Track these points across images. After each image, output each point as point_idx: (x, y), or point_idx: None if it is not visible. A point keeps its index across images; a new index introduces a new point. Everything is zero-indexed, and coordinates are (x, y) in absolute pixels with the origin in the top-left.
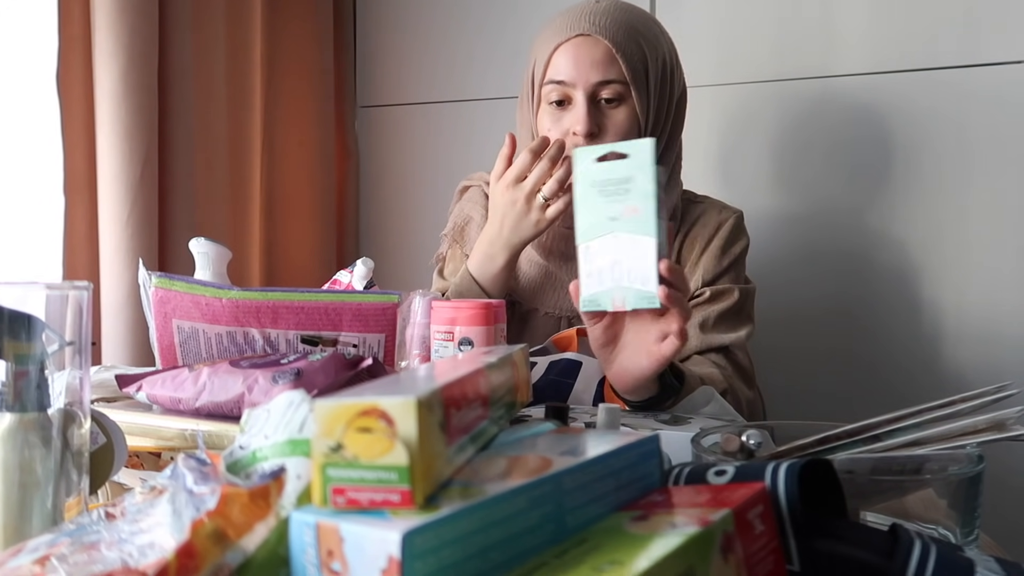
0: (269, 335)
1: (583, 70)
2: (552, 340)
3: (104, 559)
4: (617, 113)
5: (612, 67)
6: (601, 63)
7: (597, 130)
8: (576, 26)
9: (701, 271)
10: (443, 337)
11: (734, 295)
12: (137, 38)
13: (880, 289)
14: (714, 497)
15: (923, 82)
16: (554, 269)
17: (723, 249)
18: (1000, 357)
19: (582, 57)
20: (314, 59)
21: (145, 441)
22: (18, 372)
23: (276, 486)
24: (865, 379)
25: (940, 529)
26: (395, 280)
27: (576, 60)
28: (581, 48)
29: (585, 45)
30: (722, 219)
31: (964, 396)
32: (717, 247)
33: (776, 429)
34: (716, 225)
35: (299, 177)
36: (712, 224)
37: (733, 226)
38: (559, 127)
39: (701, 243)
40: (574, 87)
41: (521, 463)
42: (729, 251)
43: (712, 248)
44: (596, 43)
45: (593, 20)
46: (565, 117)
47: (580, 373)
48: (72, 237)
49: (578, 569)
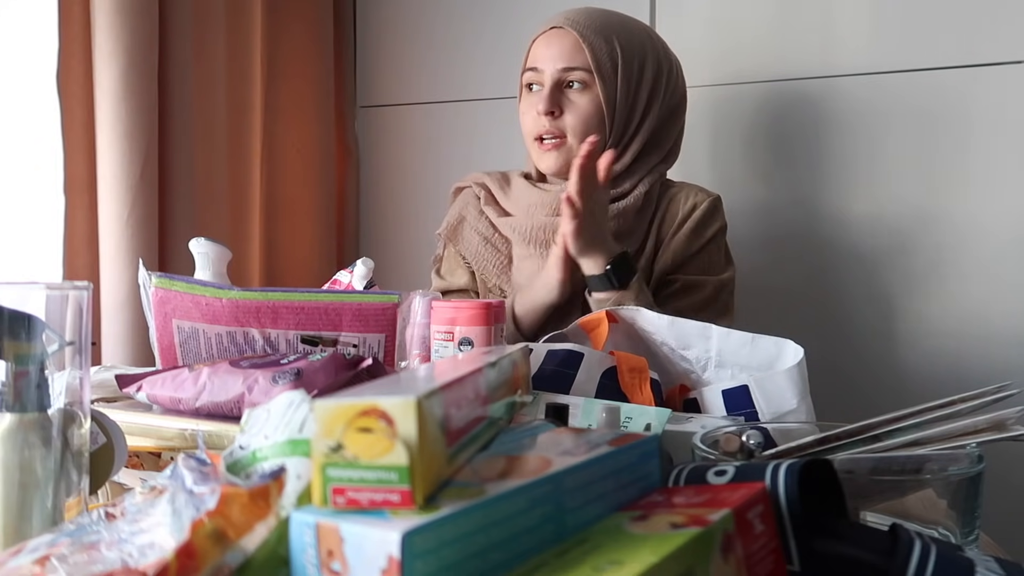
0: (269, 335)
1: (552, 56)
2: (579, 323)
3: (104, 559)
4: (580, 97)
5: (577, 55)
6: (568, 51)
7: (559, 111)
8: (554, 21)
9: (671, 253)
10: (443, 337)
11: (707, 288)
12: (137, 38)
13: (880, 289)
14: (714, 497)
15: (923, 82)
16: (539, 259)
17: (695, 231)
18: (1000, 357)
19: (552, 45)
20: (314, 59)
21: (145, 441)
22: (18, 372)
23: (276, 486)
24: (865, 379)
25: (940, 529)
26: (395, 280)
27: (547, 47)
28: (553, 38)
29: (556, 36)
30: (696, 201)
31: (964, 396)
32: (689, 229)
33: (776, 429)
34: (691, 207)
35: (299, 177)
36: (687, 206)
37: (707, 209)
38: (531, 108)
39: (672, 224)
40: (542, 73)
41: (521, 463)
42: (701, 234)
43: (684, 231)
44: (566, 34)
45: (568, 16)
46: (533, 98)
47: (582, 364)
48: (72, 237)
49: (578, 569)
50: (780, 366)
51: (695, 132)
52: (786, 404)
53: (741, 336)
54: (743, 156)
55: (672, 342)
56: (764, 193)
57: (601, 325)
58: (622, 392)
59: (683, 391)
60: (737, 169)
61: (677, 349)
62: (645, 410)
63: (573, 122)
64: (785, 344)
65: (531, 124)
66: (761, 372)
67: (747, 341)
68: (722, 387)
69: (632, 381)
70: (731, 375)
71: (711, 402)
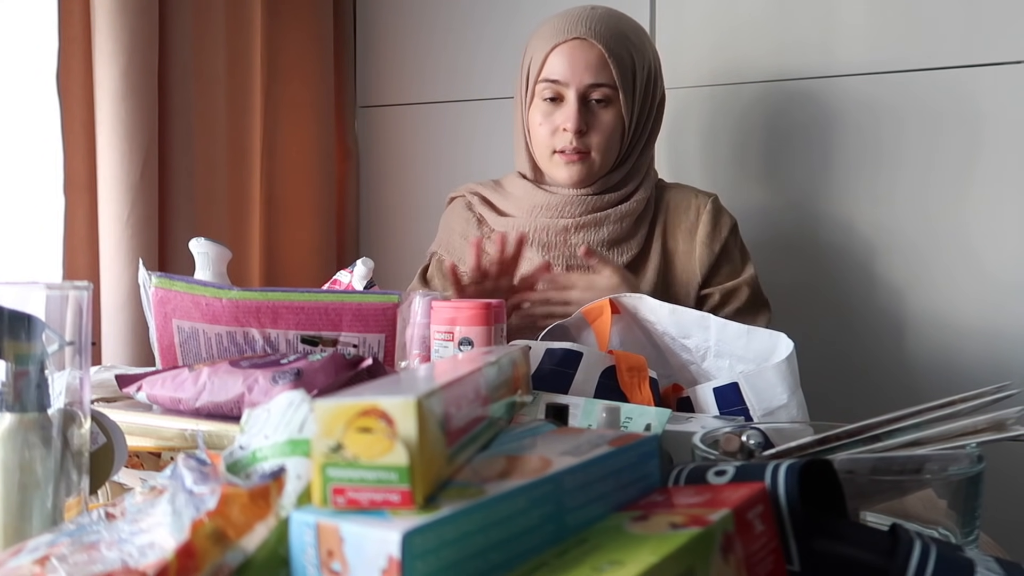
0: (269, 335)
1: (577, 71)
2: (582, 312)
3: (104, 559)
4: (605, 113)
5: (604, 71)
6: (594, 66)
7: (586, 128)
8: (574, 29)
9: (697, 264)
10: (443, 337)
11: (743, 290)
12: (137, 38)
13: (880, 289)
14: (714, 497)
15: (923, 82)
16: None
17: (711, 236)
18: (1000, 357)
19: (577, 59)
20: (314, 59)
21: (145, 441)
22: (18, 372)
23: (276, 486)
24: (865, 379)
25: (940, 529)
26: (395, 280)
27: (571, 61)
28: (577, 50)
29: (581, 48)
30: (699, 204)
31: (964, 396)
32: (705, 235)
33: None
34: (696, 211)
35: (299, 177)
36: (692, 210)
37: (713, 210)
38: (550, 122)
39: (686, 232)
40: (567, 87)
41: (521, 463)
42: (718, 235)
43: (700, 238)
44: (591, 47)
45: (590, 25)
46: (556, 113)
47: (581, 364)
48: (72, 237)
49: (578, 569)
50: (773, 359)
51: (695, 132)
52: (776, 399)
53: (737, 328)
54: (743, 156)
55: (673, 331)
56: (764, 192)
57: (604, 314)
58: (621, 391)
59: (676, 390)
60: (736, 169)
61: (678, 338)
62: (645, 410)
63: (599, 140)
64: (779, 337)
65: (549, 137)
66: (756, 364)
67: (743, 333)
68: (713, 385)
69: (631, 380)
70: (729, 365)
71: (703, 400)
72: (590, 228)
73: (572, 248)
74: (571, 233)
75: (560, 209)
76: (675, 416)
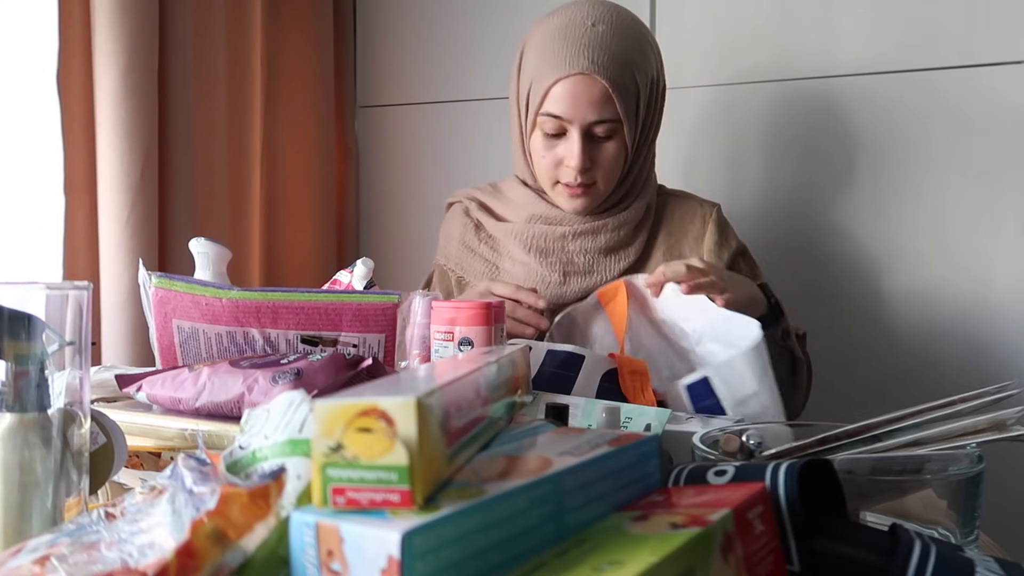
0: (269, 335)
1: (580, 109)
2: (597, 294)
3: (104, 559)
4: (608, 147)
5: (608, 106)
6: (598, 103)
7: (590, 164)
8: (576, 63)
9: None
10: (443, 337)
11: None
12: (137, 38)
13: (880, 290)
14: (714, 497)
15: (923, 82)
16: (536, 266)
17: (719, 243)
18: (1000, 357)
19: (580, 96)
20: (314, 59)
21: (145, 441)
22: (18, 372)
23: (276, 486)
24: (865, 380)
25: (940, 529)
26: (395, 280)
27: (574, 98)
28: (579, 86)
29: (583, 84)
30: (704, 212)
31: (964, 396)
32: (713, 242)
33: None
34: (702, 220)
35: (299, 177)
36: (697, 219)
37: (719, 219)
38: (552, 155)
39: (692, 241)
40: (570, 123)
41: (521, 463)
42: (727, 244)
43: (708, 247)
44: (594, 83)
45: (592, 57)
46: (559, 147)
47: (583, 367)
48: (72, 237)
49: (578, 569)
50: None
51: (695, 132)
52: (746, 388)
53: (724, 313)
54: (742, 156)
55: (676, 314)
56: (764, 192)
57: (619, 295)
58: (623, 395)
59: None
60: (737, 169)
61: (679, 322)
62: (645, 410)
63: (604, 172)
64: (752, 325)
65: (552, 168)
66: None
67: (728, 317)
68: (686, 383)
69: (634, 384)
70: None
71: (678, 399)
72: (588, 235)
73: (570, 254)
74: (568, 240)
75: (559, 218)
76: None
